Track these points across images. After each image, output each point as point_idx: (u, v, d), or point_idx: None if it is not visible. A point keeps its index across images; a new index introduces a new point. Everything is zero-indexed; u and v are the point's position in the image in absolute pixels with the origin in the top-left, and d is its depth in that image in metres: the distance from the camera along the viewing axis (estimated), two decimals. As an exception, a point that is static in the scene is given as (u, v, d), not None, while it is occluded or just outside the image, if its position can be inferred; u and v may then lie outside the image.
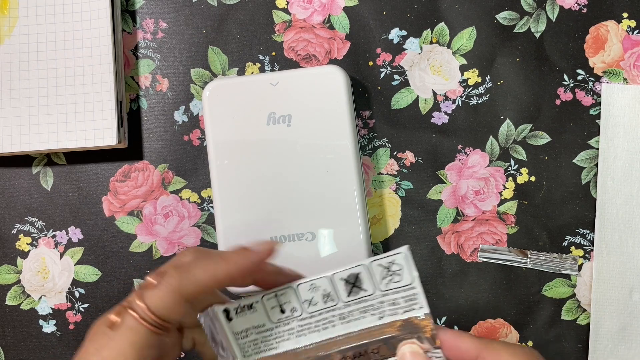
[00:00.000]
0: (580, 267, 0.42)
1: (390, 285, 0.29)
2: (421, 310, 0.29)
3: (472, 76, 0.43)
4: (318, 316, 0.30)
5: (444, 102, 0.43)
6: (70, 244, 0.44)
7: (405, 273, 0.29)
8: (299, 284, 0.29)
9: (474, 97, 0.43)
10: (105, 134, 0.42)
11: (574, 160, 0.43)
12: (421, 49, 0.44)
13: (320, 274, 0.29)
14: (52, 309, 0.44)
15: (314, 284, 0.29)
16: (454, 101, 0.43)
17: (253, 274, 0.30)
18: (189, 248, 0.31)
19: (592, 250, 0.42)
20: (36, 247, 0.44)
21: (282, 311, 0.30)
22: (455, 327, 0.42)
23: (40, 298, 0.44)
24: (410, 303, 0.29)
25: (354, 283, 0.29)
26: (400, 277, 0.29)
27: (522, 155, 0.43)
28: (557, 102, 0.43)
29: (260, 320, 0.30)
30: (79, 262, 0.44)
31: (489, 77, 0.43)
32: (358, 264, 0.29)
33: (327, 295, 0.29)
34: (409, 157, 0.43)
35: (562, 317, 0.42)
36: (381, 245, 0.43)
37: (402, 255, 0.28)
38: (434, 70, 0.43)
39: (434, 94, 0.43)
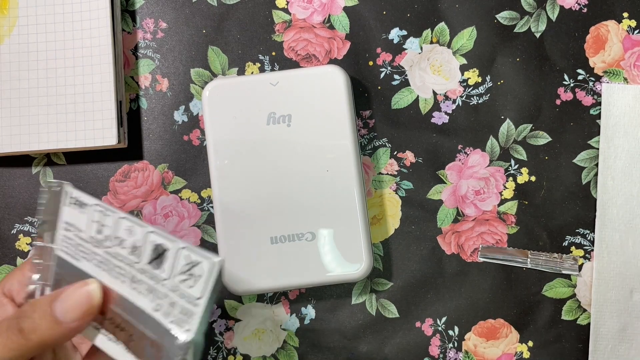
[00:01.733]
0: (580, 267, 0.42)
1: (181, 286, 0.26)
2: (185, 333, 0.26)
3: (473, 76, 0.43)
4: (117, 261, 0.28)
5: (444, 102, 0.43)
6: (70, 244, 0.44)
7: (200, 283, 0.26)
8: (121, 217, 0.28)
9: (474, 96, 0.43)
10: (105, 133, 0.42)
11: (575, 160, 0.43)
12: (421, 48, 0.43)
13: (142, 223, 0.27)
14: (51, 309, 0.44)
15: (131, 228, 0.28)
16: (454, 101, 0.43)
17: None
18: None
19: (592, 250, 0.42)
20: (36, 247, 0.44)
21: (99, 232, 0.28)
22: (456, 328, 0.42)
23: (39, 298, 0.44)
24: (183, 317, 0.26)
25: (158, 255, 0.27)
26: (193, 285, 0.26)
27: (522, 155, 0.43)
28: (558, 102, 0.43)
29: (82, 225, 0.29)
30: (78, 262, 0.44)
31: (489, 76, 0.43)
32: (172, 240, 0.27)
33: (135, 248, 0.27)
34: (409, 157, 0.43)
35: (562, 317, 0.42)
36: (381, 245, 0.43)
37: (207, 264, 0.26)
38: (434, 70, 0.43)
39: (434, 93, 0.43)
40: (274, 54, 0.44)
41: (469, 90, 0.43)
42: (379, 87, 0.43)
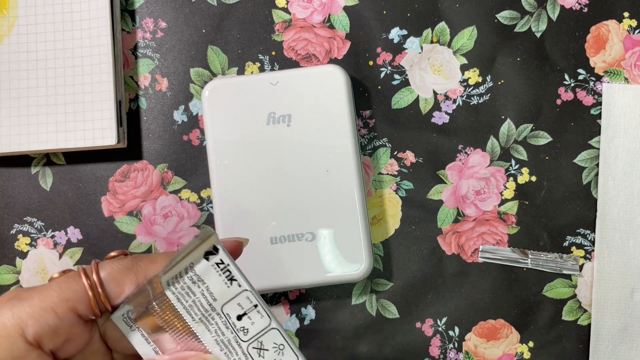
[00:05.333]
0: (581, 267, 0.42)
1: None
2: None
3: (473, 76, 0.43)
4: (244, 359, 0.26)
5: (444, 102, 0.43)
6: (69, 244, 0.44)
7: None
8: (273, 328, 0.26)
9: (475, 96, 0.43)
10: (104, 133, 0.41)
11: (575, 160, 0.43)
12: (421, 48, 0.43)
13: (295, 347, 0.26)
14: (51, 309, 0.44)
15: (282, 348, 0.26)
16: (454, 101, 0.43)
17: None
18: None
19: (593, 250, 0.42)
20: (35, 248, 0.44)
21: (239, 317, 0.26)
22: (457, 328, 0.42)
23: (39, 298, 0.44)
24: None
25: None
26: None
27: (522, 155, 0.43)
28: (558, 101, 0.43)
29: (220, 295, 0.26)
30: (78, 262, 0.44)
31: (489, 76, 0.43)
32: None
33: None
34: (410, 157, 0.43)
35: (563, 318, 0.42)
36: (381, 246, 0.43)
37: None
38: (435, 70, 0.43)
39: (435, 93, 0.43)
40: (273, 53, 0.44)
41: (470, 90, 0.43)
42: (379, 87, 0.43)
